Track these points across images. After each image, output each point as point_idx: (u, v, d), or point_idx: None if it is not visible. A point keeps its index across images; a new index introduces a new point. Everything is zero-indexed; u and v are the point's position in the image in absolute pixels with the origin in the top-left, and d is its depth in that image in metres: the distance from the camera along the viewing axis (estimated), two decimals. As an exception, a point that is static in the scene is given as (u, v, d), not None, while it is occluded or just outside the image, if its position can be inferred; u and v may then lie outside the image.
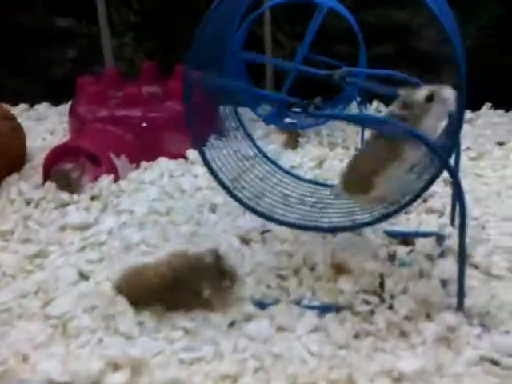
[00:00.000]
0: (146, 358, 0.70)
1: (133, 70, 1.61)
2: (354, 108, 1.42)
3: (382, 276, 0.82)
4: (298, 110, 0.85)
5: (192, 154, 1.25)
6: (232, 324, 0.77)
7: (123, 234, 0.98)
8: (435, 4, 0.69)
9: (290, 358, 0.69)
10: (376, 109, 1.54)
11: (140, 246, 0.95)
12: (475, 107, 1.47)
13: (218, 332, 0.75)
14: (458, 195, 0.71)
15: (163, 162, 1.24)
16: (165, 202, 1.08)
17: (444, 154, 0.73)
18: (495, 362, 0.67)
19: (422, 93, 0.74)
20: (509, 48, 1.46)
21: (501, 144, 1.29)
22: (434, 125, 0.76)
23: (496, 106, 1.47)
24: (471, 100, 0.74)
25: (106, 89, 1.34)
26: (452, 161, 0.82)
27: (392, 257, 0.91)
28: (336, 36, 1.45)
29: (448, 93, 0.73)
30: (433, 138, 0.75)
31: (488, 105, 1.47)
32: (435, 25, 0.68)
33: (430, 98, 0.74)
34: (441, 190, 1.09)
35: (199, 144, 0.88)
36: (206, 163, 0.88)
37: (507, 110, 1.46)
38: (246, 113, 1.56)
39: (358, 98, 1.30)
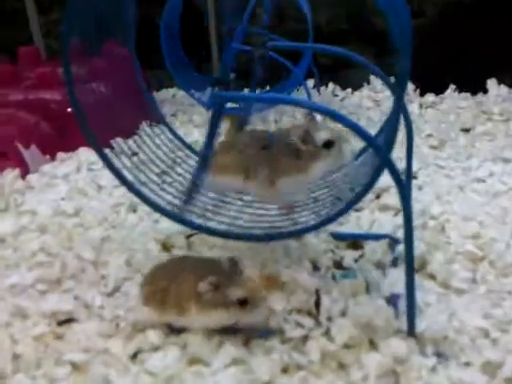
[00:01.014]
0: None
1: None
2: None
3: (317, 292, 0.68)
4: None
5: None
6: (134, 356, 0.62)
7: (19, 242, 0.81)
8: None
9: (199, 402, 0.55)
10: (332, 91, 1.40)
11: (37, 255, 0.78)
12: (439, 90, 1.34)
13: (115, 366, 0.60)
14: (403, 200, 0.57)
15: (83, 152, 1.08)
16: (75, 201, 0.92)
17: (384, 149, 0.58)
18: (452, 405, 0.53)
19: (323, 135, 0.66)
20: (477, 20, 1.32)
21: (466, 131, 1.16)
22: (322, 170, 0.68)
23: (461, 88, 1.34)
24: (435, 82, 0.62)
25: (19, 69, 1.17)
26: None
27: (337, 264, 0.78)
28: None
29: (348, 147, 0.67)
30: (315, 181, 0.70)
31: (453, 87, 1.34)
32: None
33: (328, 145, 0.66)
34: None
35: (95, 140, 0.73)
36: (107, 162, 0.72)
37: (474, 93, 1.33)
38: (186, 96, 1.42)
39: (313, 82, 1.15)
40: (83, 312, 0.69)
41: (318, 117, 0.72)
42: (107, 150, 0.74)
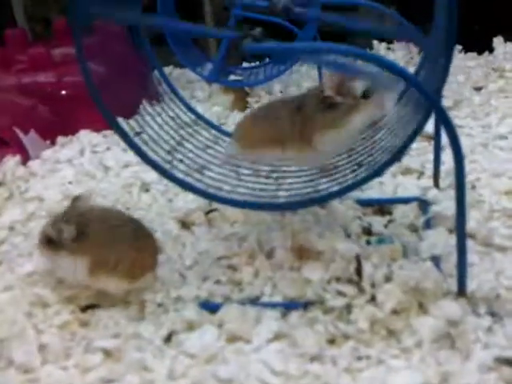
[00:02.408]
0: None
1: (49, 31, 1.37)
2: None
3: (358, 258, 0.64)
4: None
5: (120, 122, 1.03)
6: (168, 338, 0.58)
7: (28, 229, 0.77)
8: None
9: (246, 381, 0.51)
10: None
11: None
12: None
13: (149, 350, 0.56)
14: (453, 143, 0.53)
15: (84, 135, 1.03)
16: (84, 184, 0.87)
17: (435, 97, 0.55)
18: (516, 364, 0.50)
19: (360, 85, 0.61)
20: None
21: (478, 89, 1.13)
22: (361, 124, 0.63)
23: (467, 48, 1.31)
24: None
25: (7, 53, 1.11)
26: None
27: (367, 231, 0.74)
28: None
29: (388, 97, 0.62)
30: (353, 137, 0.65)
31: (458, 48, 1.30)
32: None
33: (366, 95, 0.61)
34: (417, 146, 0.92)
35: (110, 115, 0.68)
36: (123, 136, 0.67)
37: (480, 53, 1.30)
38: (185, 72, 1.37)
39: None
40: (105, 298, 0.65)
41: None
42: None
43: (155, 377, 0.53)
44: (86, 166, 0.92)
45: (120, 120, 0.74)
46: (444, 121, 0.53)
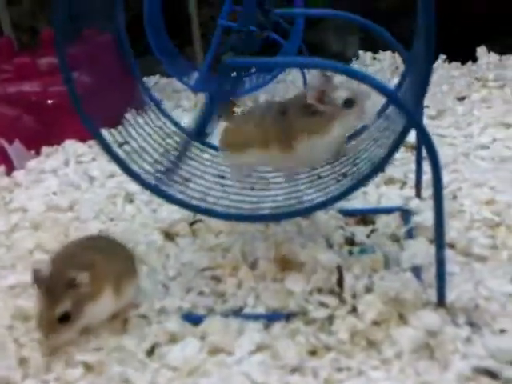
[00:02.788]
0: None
1: (35, 40, 1.37)
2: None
3: (339, 269, 0.64)
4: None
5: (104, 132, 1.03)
6: (151, 351, 0.58)
7: (12, 240, 0.76)
8: None
9: (227, 393, 0.52)
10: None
11: (33, 254, 0.74)
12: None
13: (131, 363, 0.56)
14: (430, 157, 0.54)
15: (70, 145, 1.03)
16: (68, 195, 0.87)
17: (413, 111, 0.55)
18: (494, 374, 0.51)
19: (343, 93, 0.62)
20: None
21: (461, 99, 1.14)
22: (341, 132, 0.64)
23: (451, 58, 1.32)
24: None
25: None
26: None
27: (350, 241, 0.75)
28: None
29: (370, 105, 0.63)
30: (334, 148, 0.65)
31: (443, 57, 1.32)
32: None
33: (348, 104, 0.62)
34: (400, 156, 0.93)
35: (92, 125, 0.68)
36: (105, 146, 0.67)
37: (463, 62, 1.31)
38: (172, 82, 1.37)
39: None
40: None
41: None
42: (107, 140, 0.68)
43: (136, 390, 0.53)
44: (71, 177, 0.92)
45: (104, 131, 0.74)
46: (423, 137, 0.54)
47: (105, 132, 0.71)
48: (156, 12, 1.12)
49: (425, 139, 0.55)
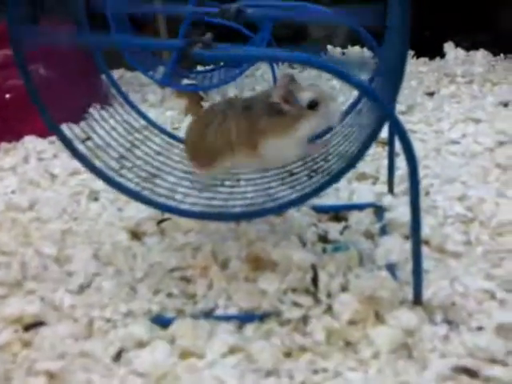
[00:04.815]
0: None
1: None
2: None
3: (314, 268, 0.63)
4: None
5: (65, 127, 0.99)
6: (118, 356, 0.55)
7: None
8: None
9: (199, 400, 0.49)
10: (289, 63, 1.34)
11: (-9, 255, 0.70)
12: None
13: (97, 370, 0.53)
14: (407, 153, 0.53)
15: (29, 141, 0.98)
16: (28, 194, 0.82)
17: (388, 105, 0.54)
18: (473, 373, 0.50)
19: (308, 95, 0.61)
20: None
21: (431, 94, 1.14)
22: (304, 134, 0.63)
23: (419, 53, 1.32)
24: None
25: None
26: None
27: (323, 238, 0.73)
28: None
29: (335, 107, 0.63)
30: (299, 149, 0.64)
31: (411, 53, 1.32)
32: None
33: (313, 106, 0.61)
34: (372, 151, 0.92)
35: (52, 120, 0.64)
36: (66, 143, 0.64)
37: (431, 58, 1.32)
38: (137, 75, 1.33)
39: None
40: (52, 314, 0.61)
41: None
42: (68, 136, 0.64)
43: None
44: (31, 174, 0.88)
45: (64, 125, 0.70)
46: (399, 132, 0.53)
47: (66, 127, 0.68)
48: (119, 2, 1.08)
49: (400, 134, 0.54)
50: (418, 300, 0.57)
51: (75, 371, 0.53)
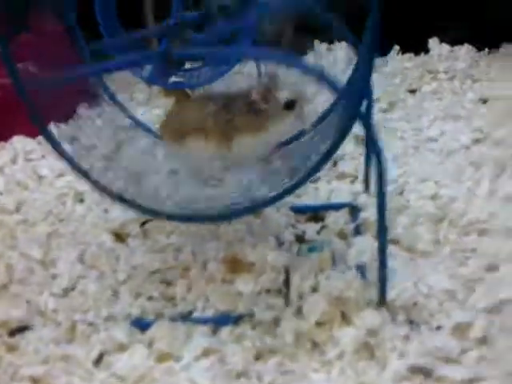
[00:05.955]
0: None
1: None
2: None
3: (286, 270, 0.65)
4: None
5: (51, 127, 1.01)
6: (99, 359, 0.58)
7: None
8: None
9: (173, 399, 0.52)
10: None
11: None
12: (382, 52, 1.31)
13: (78, 374, 0.56)
14: (375, 153, 0.55)
15: (18, 141, 1.00)
16: (14, 195, 0.85)
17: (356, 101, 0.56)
18: (427, 372, 0.53)
19: (285, 94, 0.63)
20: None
21: (412, 91, 1.15)
22: (279, 133, 0.65)
23: (404, 49, 1.33)
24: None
25: None
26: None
27: (300, 239, 0.75)
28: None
29: (311, 109, 0.66)
30: (272, 145, 0.66)
31: (396, 48, 1.32)
32: None
33: (290, 106, 0.63)
34: (352, 150, 0.94)
35: (38, 120, 0.66)
36: (52, 143, 0.65)
37: (417, 53, 1.32)
38: (124, 73, 1.34)
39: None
40: (37, 318, 0.64)
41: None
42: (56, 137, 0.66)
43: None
44: (18, 175, 0.90)
45: (52, 125, 0.72)
46: (369, 137, 0.54)
47: (53, 126, 0.69)
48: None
49: (368, 134, 0.56)
50: (382, 300, 0.59)
51: (58, 376, 0.56)
